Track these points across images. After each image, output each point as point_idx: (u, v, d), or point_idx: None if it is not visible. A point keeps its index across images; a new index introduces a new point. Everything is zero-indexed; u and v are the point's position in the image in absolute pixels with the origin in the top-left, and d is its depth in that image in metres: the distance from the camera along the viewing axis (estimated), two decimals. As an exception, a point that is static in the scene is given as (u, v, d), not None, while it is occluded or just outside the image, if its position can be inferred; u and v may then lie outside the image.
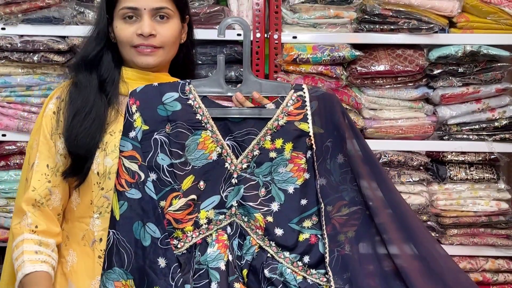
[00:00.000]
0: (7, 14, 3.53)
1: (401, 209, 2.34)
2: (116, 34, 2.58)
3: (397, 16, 3.57)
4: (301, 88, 2.34)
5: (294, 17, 3.61)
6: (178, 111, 2.28)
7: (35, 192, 2.44)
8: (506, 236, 3.69)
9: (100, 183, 2.48)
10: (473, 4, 3.60)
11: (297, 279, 2.23)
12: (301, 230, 2.27)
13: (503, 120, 3.66)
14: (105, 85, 2.55)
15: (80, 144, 2.45)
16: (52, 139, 2.50)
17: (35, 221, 2.41)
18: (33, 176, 2.47)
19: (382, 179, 2.36)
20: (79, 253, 2.50)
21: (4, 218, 3.55)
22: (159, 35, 2.53)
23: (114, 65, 2.59)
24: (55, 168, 2.48)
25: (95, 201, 2.48)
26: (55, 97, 2.58)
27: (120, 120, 2.48)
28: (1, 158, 3.60)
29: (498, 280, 3.68)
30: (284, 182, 2.29)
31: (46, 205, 2.45)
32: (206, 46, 3.64)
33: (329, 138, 2.30)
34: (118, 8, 2.56)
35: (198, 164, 2.27)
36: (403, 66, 3.57)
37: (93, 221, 2.48)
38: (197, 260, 2.24)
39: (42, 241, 2.41)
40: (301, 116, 2.31)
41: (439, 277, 2.27)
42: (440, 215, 3.67)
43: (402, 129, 3.65)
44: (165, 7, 2.54)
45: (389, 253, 2.28)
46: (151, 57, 2.55)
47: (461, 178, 3.66)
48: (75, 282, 2.49)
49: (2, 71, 3.57)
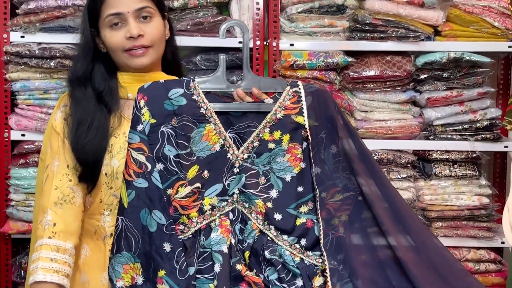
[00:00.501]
0: (26, 23, 3.63)
1: (395, 202, 2.37)
2: (106, 43, 2.55)
3: (387, 25, 3.67)
4: (297, 84, 2.37)
5: (291, 26, 3.70)
6: (184, 106, 2.30)
7: (57, 190, 2.45)
8: (487, 229, 3.79)
9: (109, 183, 2.50)
10: (457, 14, 3.70)
11: (295, 260, 2.26)
12: (298, 215, 2.30)
13: (484, 121, 3.76)
14: (103, 96, 2.54)
15: (87, 154, 2.47)
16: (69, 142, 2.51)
17: (54, 219, 2.41)
18: (55, 176, 2.47)
19: (377, 175, 2.39)
20: (92, 247, 2.53)
21: (24, 212, 3.65)
22: (146, 34, 2.52)
23: (108, 75, 2.57)
24: (75, 168, 2.48)
25: (104, 200, 2.51)
26: (63, 105, 2.57)
27: (124, 124, 2.50)
28: (20, 156, 3.70)
29: (480, 269, 3.77)
30: (282, 171, 2.32)
31: (71, 202, 2.45)
32: (210, 52, 3.72)
33: (323, 130, 2.33)
34: (102, 18, 2.53)
35: (203, 154, 2.30)
36: (392, 72, 3.68)
37: (104, 218, 2.51)
38: (202, 244, 2.26)
39: (59, 247, 2.39)
40: (297, 110, 2.33)
41: (433, 266, 2.29)
42: (426, 209, 3.76)
43: (391, 129, 3.75)
44: (146, 6, 2.52)
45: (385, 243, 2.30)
46: (144, 57, 2.54)
47: (445, 175, 3.77)
48: (88, 274, 2.51)
49: (22, 76, 3.66)
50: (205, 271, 2.25)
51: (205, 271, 2.25)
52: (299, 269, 2.27)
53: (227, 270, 2.24)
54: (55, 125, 2.54)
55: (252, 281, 2.24)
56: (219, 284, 2.21)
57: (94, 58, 2.57)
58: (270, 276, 2.27)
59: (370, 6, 3.68)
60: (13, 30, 3.67)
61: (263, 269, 2.28)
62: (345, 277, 2.24)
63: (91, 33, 2.56)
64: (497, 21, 3.68)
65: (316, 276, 2.27)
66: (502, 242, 3.79)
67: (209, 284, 2.23)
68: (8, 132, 3.72)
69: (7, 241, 3.76)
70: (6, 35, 3.66)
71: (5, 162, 3.72)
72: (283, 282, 2.26)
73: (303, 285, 2.26)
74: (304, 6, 3.69)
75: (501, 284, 3.81)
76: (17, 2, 3.67)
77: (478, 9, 3.70)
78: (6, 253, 3.77)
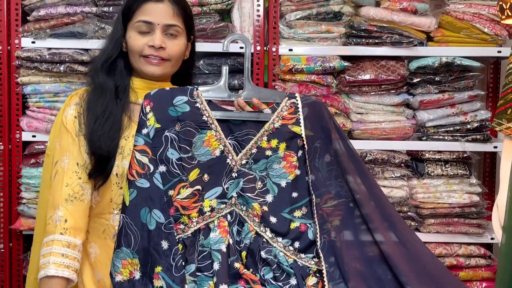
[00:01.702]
0: (36, 30, 3.66)
1: (381, 201, 2.43)
2: (129, 44, 2.61)
3: (381, 31, 3.69)
4: (294, 96, 2.42)
5: (290, 32, 3.72)
6: (187, 112, 2.35)
7: (68, 187, 2.48)
8: (477, 225, 3.80)
9: (119, 183, 2.54)
10: (448, 21, 3.72)
11: (289, 261, 2.32)
12: (292, 219, 2.36)
13: (475, 123, 3.78)
14: (119, 92, 2.58)
15: (102, 146, 2.50)
16: (79, 140, 2.53)
17: (66, 215, 2.45)
18: (66, 173, 2.50)
19: (365, 175, 2.44)
20: (100, 245, 2.57)
21: (34, 209, 3.65)
22: (168, 48, 2.57)
23: (126, 73, 2.62)
24: (84, 166, 2.52)
25: (114, 199, 2.54)
26: (74, 103, 2.60)
27: (133, 126, 2.52)
28: (31, 156, 3.73)
29: (470, 264, 3.80)
30: (278, 177, 2.38)
31: (80, 199, 2.49)
32: (212, 57, 3.75)
33: (318, 140, 2.38)
34: (134, 20, 2.59)
35: (203, 159, 2.35)
36: (386, 75, 3.70)
37: (113, 217, 2.55)
38: (201, 243, 2.31)
39: (70, 243, 2.43)
40: (294, 120, 2.39)
41: (417, 260, 2.34)
42: (419, 206, 3.78)
43: (385, 130, 3.78)
44: (176, 25, 2.58)
45: (373, 240, 2.34)
46: (158, 67, 2.58)
47: (437, 174, 3.78)
48: (100, 271, 2.56)
49: (32, 79, 3.70)
50: (204, 268, 2.30)
51: (205, 268, 2.30)
52: (293, 269, 2.32)
53: (225, 268, 2.29)
54: (66, 122, 2.58)
55: (250, 279, 2.30)
56: (218, 281, 2.26)
57: (119, 54, 2.63)
58: (266, 275, 2.33)
59: (365, 13, 3.70)
60: (24, 36, 3.71)
61: (259, 268, 2.33)
62: (335, 278, 2.29)
63: (121, 30, 2.63)
64: (487, 27, 3.70)
65: (309, 276, 2.32)
66: (491, 238, 3.80)
67: (209, 282, 2.28)
68: (19, 133, 3.76)
69: (19, 237, 3.80)
70: (17, 41, 3.70)
71: (16, 162, 3.76)
72: (278, 280, 2.32)
73: (297, 284, 2.31)
74: (303, 13, 3.71)
75: (491, 278, 3.83)
76: (28, 9, 3.71)
77: (468, 15, 3.72)
78: (18, 248, 3.81)
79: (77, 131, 2.55)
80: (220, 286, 2.25)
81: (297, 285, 2.31)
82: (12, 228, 3.78)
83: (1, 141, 3.76)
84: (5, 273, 3.82)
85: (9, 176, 3.79)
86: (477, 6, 3.73)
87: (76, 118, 2.56)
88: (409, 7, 3.68)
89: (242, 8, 3.77)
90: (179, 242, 2.31)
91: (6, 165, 3.77)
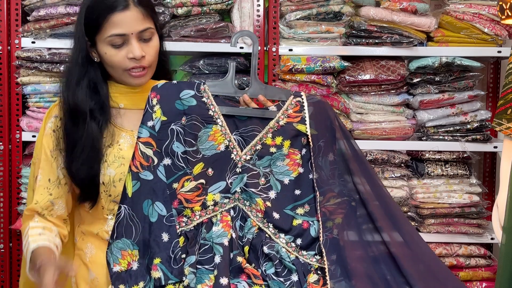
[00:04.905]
0: (36, 30, 3.65)
1: (385, 200, 2.40)
2: (106, 60, 2.44)
3: (381, 31, 3.68)
4: (300, 95, 2.40)
5: (290, 32, 3.71)
6: (194, 106, 2.34)
7: (37, 205, 2.44)
8: (477, 225, 3.80)
9: (107, 191, 2.46)
10: (448, 21, 3.71)
11: (291, 257, 2.30)
12: (295, 216, 2.33)
13: (475, 123, 3.77)
14: (94, 113, 2.46)
15: (81, 176, 2.43)
16: (53, 156, 2.46)
17: (43, 222, 2.43)
18: (36, 190, 2.46)
19: (369, 174, 2.42)
20: (96, 245, 2.51)
21: None
22: (147, 55, 2.43)
23: (101, 85, 2.48)
24: (57, 181, 2.46)
25: (105, 206, 2.48)
26: (53, 116, 2.51)
27: (116, 133, 2.47)
28: (31, 156, 3.44)
29: (470, 264, 3.79)
30: (281, 174, 2.36)
31: (48, 215, 2.45)
32: (212, 57, 3.73)
33: (322, 139, 2.37)
34: (104, 35, 2.40)
35: (208, 153, 2.33)
36: (386, 76, 3.69)
37: (108, 222, 2.49)
38: (203, 236, 2.29)
39: (45, 227, 2.40)
40: (299, 119, 2.37)
41: (421, 260, 2.33)
42: (419, 206, 3.77)
43: (385, 131, 3.77)
44: (148, 28, 2.43)
45: (376, 239, 2.33)
46: (144, 78, 2.46)
47: (437, 174, 3.77)
48: (95, 271, 2.51)
49: (32, 79, 3.68)
50: (205, 262, 2.28)
51: (206, 262, 2.28)
52: (295, 265, 2.31)
53: (227, 262, 2.27)
54: (44, 135, 2.52)
55: (252, 273, 2.28)
56: (219, 274, 2.24)
57: (87, 66, 2.47)
58: (267, 270, 2.31)
59: (365, 13, 3.69)
60: (24, 36, 3.70)
61: (261, 263, 2.32)
62: (337, 275, 2.28)
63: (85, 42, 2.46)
64: (487, 27, 3.69)
65: (311, 273, 2.30)
66: (491, 238, 3.80)
67: (209, 275, 2.26)
68: (19, 133, 3.74)
69: (19, 237, 3.77)
70: (17, 41, 3.69)
71: (16, 162, 3.75)
72: (280, 276, 2.30)
73: (298, 280, 2.29)
74: (303, 13, 3.70)
75: (491, 278, 3.82)
76: (28, 9, 3.69)
77: (468, 16, 3.71)
78: (18, 248, 3.79)
79: (54, 147, 2.48)
80: (220, 279, 2.23)
81: (298, 281, 2.30)
82: (12, 228, 3.76)
83: (1, 141, 3.74)
84: (5, 273, 3.81)
85: (9, 176, 3.78)
86: (477, 6, 3.73)
87: (54, 132, 2.49)
88: (409, 7, 3.68)
89: (242, 8, 3.76)
90: (181, 235, 2.30)
91: (6, 165, 3.76)
